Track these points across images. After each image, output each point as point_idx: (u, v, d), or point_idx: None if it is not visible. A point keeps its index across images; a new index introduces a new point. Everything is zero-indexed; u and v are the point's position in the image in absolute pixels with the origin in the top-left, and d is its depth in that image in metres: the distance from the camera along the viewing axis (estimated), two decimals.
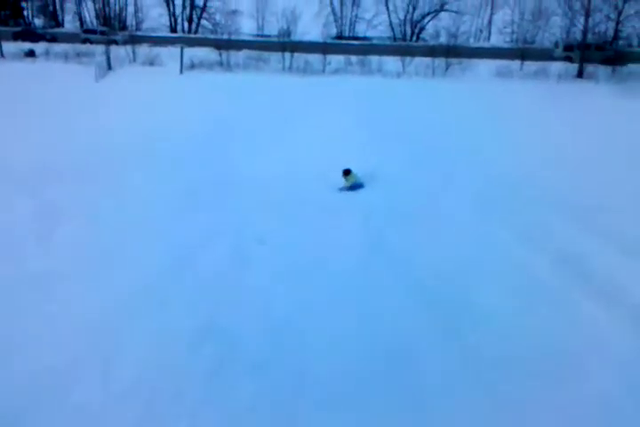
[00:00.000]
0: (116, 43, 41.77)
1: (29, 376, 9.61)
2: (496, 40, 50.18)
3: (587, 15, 38.77)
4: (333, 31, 54.42)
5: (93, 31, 46.36)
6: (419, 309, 12.69)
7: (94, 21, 54.48)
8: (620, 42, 44.65)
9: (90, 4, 55.15)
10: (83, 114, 27.39)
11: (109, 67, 37.19)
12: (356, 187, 18.33)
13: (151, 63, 38.61)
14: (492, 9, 52.12)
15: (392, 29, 52.38)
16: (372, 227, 16.53)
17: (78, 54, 38.97)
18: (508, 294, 12.84)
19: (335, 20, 55.37)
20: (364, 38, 51.86)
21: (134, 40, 41.78)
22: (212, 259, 14.71)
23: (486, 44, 48.94)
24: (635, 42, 45.14)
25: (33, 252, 14.20)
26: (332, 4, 55.33)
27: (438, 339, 11.80)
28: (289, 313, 11.55)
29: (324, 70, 38.30)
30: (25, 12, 54.99)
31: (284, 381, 9.96)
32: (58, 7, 56.18)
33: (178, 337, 11.46)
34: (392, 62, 38.52)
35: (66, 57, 38.71)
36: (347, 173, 18.00)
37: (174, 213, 17.38)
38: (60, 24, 55.45)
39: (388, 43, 48.66)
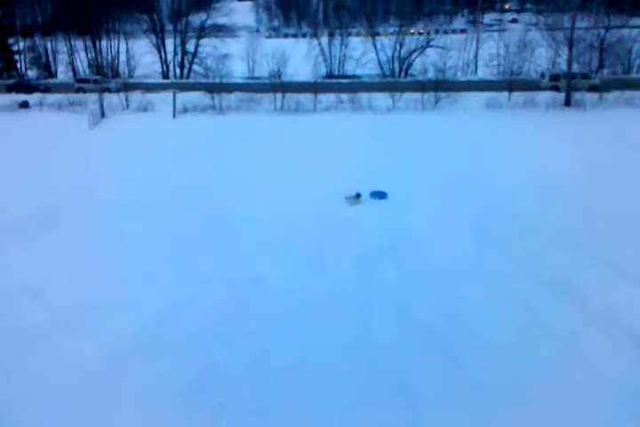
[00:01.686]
0: (109, 91, 42.33)
1: None
2: (483, 73, 50.93)
3: (570, 45, 39.47)
4: (323, 71, 55.24)
5: (86, 80, 47.02)
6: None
7: (87, 71, 55.45)
8: (605, 69, 45.37)
9: (82, 54, 56.24)
10: (76, 162, 27.57)
11: (103, 114, 37.60)
12: (379, 196, 21.87)
13: (144, 109, 39.03)
14: (477, 43, 53.10)
15: (380, 67, 53.17)
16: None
17: (72, 103, 39.43)
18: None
19: (324, 60, 56.25)
20: (354, 76, 52.65)
21: (127, 87, 42.30)
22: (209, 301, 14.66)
23: (474, 78, 49.69)
24: (619, 69, 45.84)
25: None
26: (320, 44, 56.36)
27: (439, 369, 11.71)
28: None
29: (315, 109, 38.71)
30: (18, 64, 55.91)
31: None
32: (50, 58, 57.21)
33: (174, 385, 11.28)
34: (382, 99, 38.97)
35: (59, 106, 39.17)
36: (357, 196, 21.62)
37: (169, 260, 17.38)
38: (53, 75, 56.30)
39: (377, 80, 49.35)
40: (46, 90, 45.54)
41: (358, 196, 21.56)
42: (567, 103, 37.38)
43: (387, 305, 14.12)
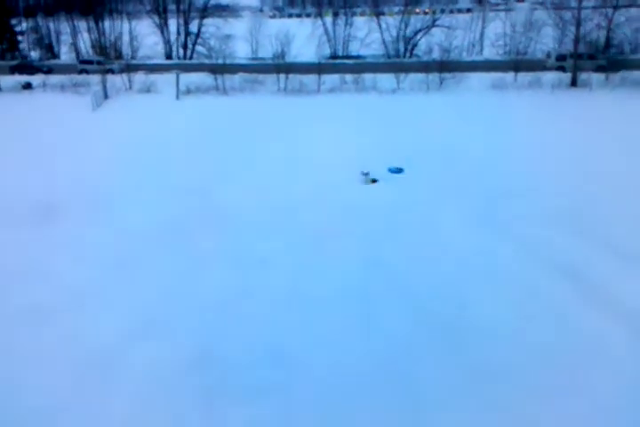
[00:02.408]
0: (112, 72, 42.08)
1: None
2: (489, 53, 50.34)
3: (577, 25, 38.96)
4: (327, 51, 54.63)
5: (89, 61, 46.73)
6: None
7: (90, 52, 55.02)
8: (612, 50, 44.76)
9: (85, 35, 55.77)
10: (77, 144, 27.55)
11: (106, 96, 37.47)
12: (397, 171, 23.32)
13: (147, 90, 38.86)
14: (483, 23, 52.46)
15: (385, 47, 52.59)
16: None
17: (75, 85, 39.24)
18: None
19: (328, 41, 55.60)
20: (358, 57, 52.10)
21: (130, 68, 42.09)
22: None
23: (479, 58, 49.17)
24: (627, 49, 45.22)
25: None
26: (324, 24, 55.71)
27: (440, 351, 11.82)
28: None
29: (318, 90, 38.47)
30: (21, 45, 55.59)
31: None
32: (53, 39, 56.85)
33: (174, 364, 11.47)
34: (386, 79, 38.71)
35: (62, 88, 39.02)
36: (374, 181, 22.53)
37: (172, 243, 17.46)
38: (56, 56, 55.98)
39: (381, 60, 48.89)
40: (49, 71, 45.31)
41: (374, 181, 22.44)
42: (573, 83, 37.04)
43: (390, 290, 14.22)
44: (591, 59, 39.85)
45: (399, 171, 23.54)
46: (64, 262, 15.81)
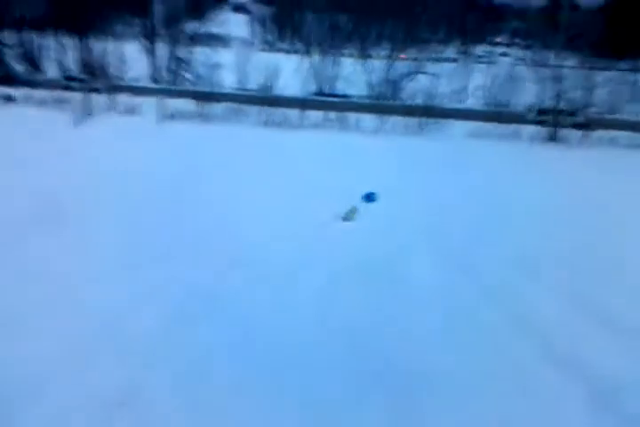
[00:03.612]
0: (96, 90, 41.80)
1: None
2: (471, 103, 51.46)
3: (556, 82, 40.11)
4: (313, 88, 55.32)
5: (74, 78, 46.45)
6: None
7: (76, 69, 54.72)
8: (592, 108, 46.10)
9: (72, 52, 55.53)
10: (53, 160, 26.97)
11: (88, 114, 37.07)
12: (371, 199, 23.61)
13: (131, 112, 38.61)
14: (468, 73, 53.63)
15: (370, 88, 53.44)
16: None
17: (58, 101, 38.81)
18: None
19: (315, 77, 56.39)
20: (343, 96, 52.78)
21: (115, 89, 41.89)
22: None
23: (462, 106, 50.16)
24: (604, 109, 46.59)
25: None
26: (312, 61, 56.51)
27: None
28: None
29: (302, 125, 38.67)
30: (6, 59, 55.03)
31: None
32: (40, 54, 56.42)
33: None
34: (369, 120, 39.16)
35: (45, 103, 38.54)
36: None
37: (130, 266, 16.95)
38: (40, 70, 55.51)
39: (366, 101, 49.55)
40: (33, 85, 44.83)
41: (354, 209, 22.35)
42: (552, 138, 37.90)
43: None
44: (571, 115, 40.96)
45: (372, 198, 23.71)
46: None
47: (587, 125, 39.42)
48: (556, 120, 38.67)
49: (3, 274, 15.51)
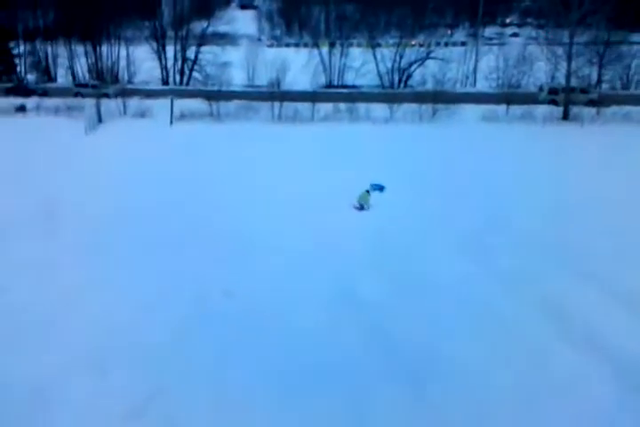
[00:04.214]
0: (107, 96, 42.24)
1: None
2: (482, 86, 50.92)
3: (569, 60, 39.46)
4: (322, 80, 55.23)
5: (85, 85, 47.01)
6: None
7: (87, 75, 55.41)
8: (604, 85, 45.39)
9: (83, 59, 56.20)
10: (68, 168, 27.44)
11: (100, 120, 37.52)
12: (378, 189, 23.67)
13: (142, 115, 38.93)
14: (476, 56, 53.14)
15: (380, 77, 53.21)
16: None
17: (69, 108, 39.25)
18: None
19: (324, 70, 56.24)
20: (353, 87, 52.61)
21: (126, 93, 42.26)
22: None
23: (472, 90, 49.70)
24: (617, 84, 45.85)
25: None
26: (320, 54, 56.38)
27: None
28: None
29: (313, 118, 38.64)
30: (18, 68, 55.84)
31: None
32: (50, 62, 57.18)
33: None
34: (380, 109, 38.92)
35: (56, 111, 39.04)
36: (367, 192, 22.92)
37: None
38: (52, 79, 56.23)
39: (375, 90, 49.36)
40: (44, 93, 45.51)
41: (367, 192, 22.82)
42: (565, 117, 37.39)
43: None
44: (583, 93, 40.33)
45: (381, 189, 23.88)
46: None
47: (599, 102, 38.78)
48: (568, 98, 38.05)
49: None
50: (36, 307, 14.54)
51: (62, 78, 55.74)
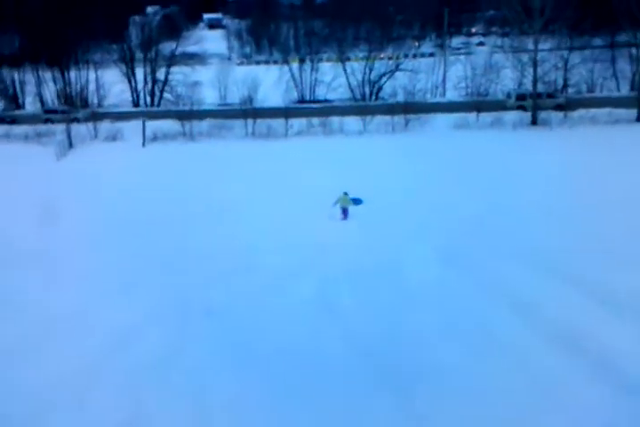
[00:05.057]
0: (77, 120, 41.91)
1: None
2: (451, 95, 51.45)
3: (535, 66, 40.16)
4: (294, 96, 55.40)
5: (54, 111, 46.63)
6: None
7: (55, 101, 54.85)
8: (570, 89, 46.16)
9: (51, 85, 55.63)
10: (39, 195, 27.04)
11: (71, 145, 37.17)
12: (357, 202, 23.41)
13: (113, 138, 38.71)
14: (445, 66, 53.75)
15: (351, 91, 53.50)
16: None
17: (39, 135, 38.92)
18: None
19: (295, 86, 56.38)
20: (325, 101, 52.86)
21: (96, 117, 42.01)
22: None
23: (442, 100, 50.18)
24: (583, 88, 46.67)
25: None
26: (291, 70, 56.62)
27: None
28: None
29: (286, 134, 38.71)
30: None
31: None
32: (18, 89, 56.54)
33: None
34: (353, 122, 39.18)
35: (26, 138, 38.64)
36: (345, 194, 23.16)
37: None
38: (20, 106, 55.55)
39: (347, 104, 49.60)
40: (13, 121, 45.01)
41: (345, 194, 23.06)
42: (534, 122, 37.95)
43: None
44: (550, 98, 41.07)
45: (358, 202, 23.71)
46: None
47: (566, 106, 39.51)
48: (536, 104, 38.71)
49: None
50: None
51: (30, 105, 55.06)
